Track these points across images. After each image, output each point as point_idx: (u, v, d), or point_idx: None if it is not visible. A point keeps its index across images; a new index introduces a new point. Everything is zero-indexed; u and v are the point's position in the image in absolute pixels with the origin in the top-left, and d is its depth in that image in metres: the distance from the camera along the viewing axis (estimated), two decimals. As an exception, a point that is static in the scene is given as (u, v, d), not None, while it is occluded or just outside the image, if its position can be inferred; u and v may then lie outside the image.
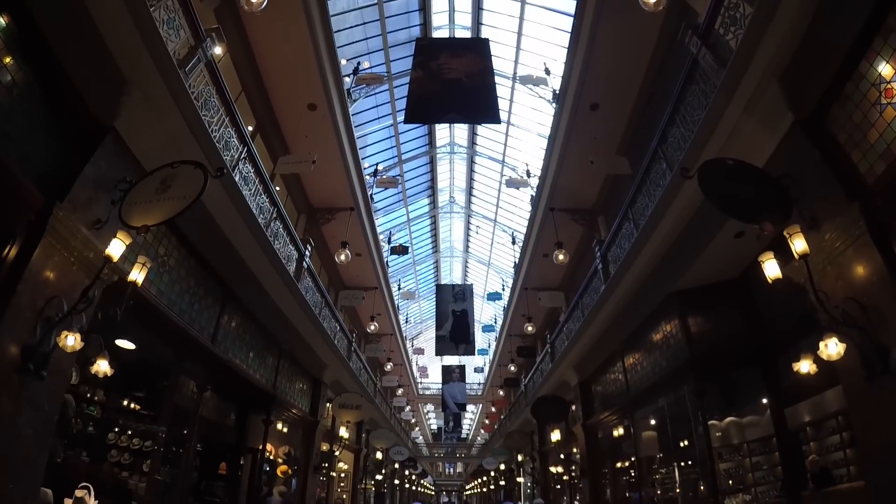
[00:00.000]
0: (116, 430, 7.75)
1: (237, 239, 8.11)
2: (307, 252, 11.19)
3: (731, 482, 10.59)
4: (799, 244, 4.96)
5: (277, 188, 9.57)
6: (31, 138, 4.78)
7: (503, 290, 26.49)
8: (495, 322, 29.55)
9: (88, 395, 7.41)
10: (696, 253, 7.84)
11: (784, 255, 5.31)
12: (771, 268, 5.32)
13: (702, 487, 9.68)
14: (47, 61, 4.86)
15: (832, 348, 4.72)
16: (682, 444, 10.64)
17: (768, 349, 7.94)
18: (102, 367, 5.50)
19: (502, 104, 15.25)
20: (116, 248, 5.01)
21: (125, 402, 8.15)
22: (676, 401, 9.41)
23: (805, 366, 6.02)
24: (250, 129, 9.42)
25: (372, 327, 19.51)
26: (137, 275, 5.25)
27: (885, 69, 4.58)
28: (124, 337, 6.90)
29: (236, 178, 7.38)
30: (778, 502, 8.78)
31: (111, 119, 5.38)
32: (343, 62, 12.03)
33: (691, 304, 8.82)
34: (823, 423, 10.76)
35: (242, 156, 7.77)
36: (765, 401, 8.79)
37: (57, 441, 6.22)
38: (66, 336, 4.61)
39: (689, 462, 10.65)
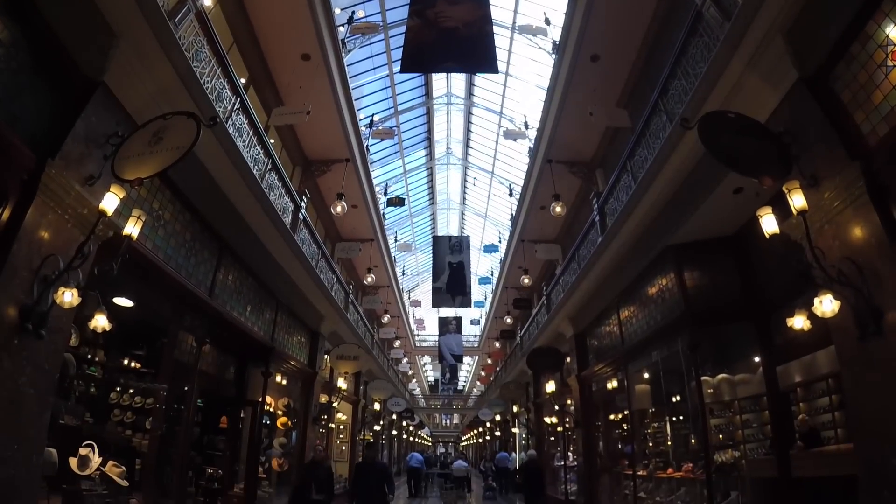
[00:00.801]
0: (118, 389, 7.85)
1: (232, 191, 8.05)
2: (303, 204, 11.12)
3: (721, 437, 10.83)
4: (797, 200, 4.92)
5: (272, 141, 9.46)
6: (20, 98, 4.67)
7: (499, 242, 26.53)
8: (491, 274, 29.67)
9: (89, 357, 7.47)
10: (694, 207, 7.81)
11: (782, 213, 5.29)
12: (768, 222, 5.30)
13: (693, 441, 9.88)
14: (33, 19, 4.71)
15: (827, 305, 4.74)
16: (674, 400, 10.84)
17: (762, 306, 7.99)
18: (101, 322, 5.52)
19: (501, 54, 15.01)
20: (110, 202, 4.95)
21: (125, 362, 8.24)
22: (670, 356, 9.53)
23: (799, 321, 6.07)
24: (243, 81, 9.21)
25: (369, 279, 19.56)
26: (132, 228, 5.21)
27: (893, 31, 4.48)
28: (122, 294, 6.90)
29: (230, 130, 7.27)
30: (766, 459, 8.97)
31: (100, 74, 5.25)
32: (337, 11, 11.72)
33: (687, 258, 8.83)
34: (813, 385, 10.97)
35: (235, 107, 7.64)
36: (757, 359, 8.90)
37: (60, 402, 6.30)
38: (64, 292, 4.59)
39: (681, 417, 10.87)
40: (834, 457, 8.44)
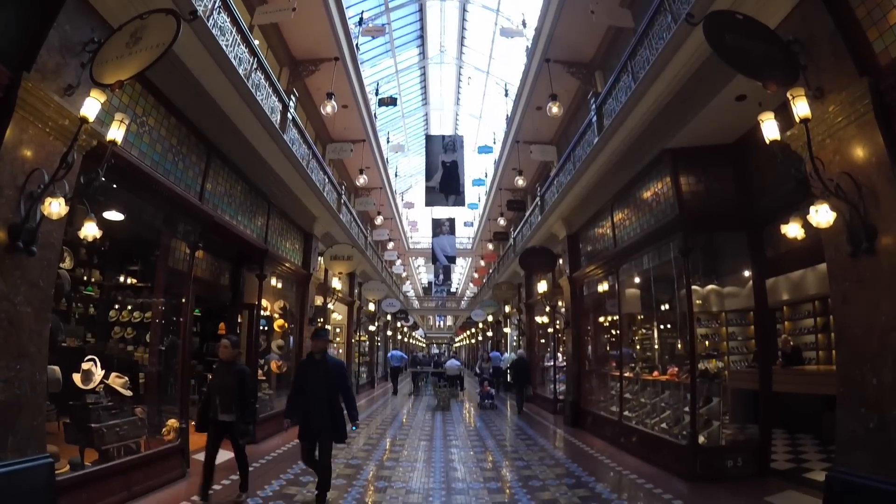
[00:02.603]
0: (116, 307, 7.92)
1: (217, 93, 7.80)
2: (291, 103, 10.82)
3: (707, 343, 11.14)
4: (801, 107, 4.80)
5: (257, 41, 9.04)
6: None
7: (494, 143, 26.18)
8: (486, 176, 29.47)
9: (85, 278, 7.48)
10: (694, 112, 7.66)
11: (783, 126, 5.20)
12: (770, 128, 5.19)
13: (679, 347, 10.14)
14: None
15: (823, 215, 4.73)
16: (662, 308, 11.06)
17: (756, 218, 8.02)
18: (90, 230, 5.43)
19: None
20: (91, 107, 4.80)
21: (121, 279, 8.29)
22: (661, 265, 9.60)
23: (793, 229, 6.06)
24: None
25: (361, 180, 19.38)
26: (116, 133, 5.09)
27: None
28: (111, 207, 6.79)
29: (212, 30, 6.92)
30: (748, 371, 9.25)
31: (70, -21, 4.93)
32: None
33: (684, 162, 8.74)
34: (800, 306, 11.24)
35: (217, 5, 7.24)
36: (747, 273, 9.02)
37: (60, 324, 6.35)
38: (50, 203, 4.53)
39: (669, 326, 11.13)
40: (813, 376, 8.80)
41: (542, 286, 16.48)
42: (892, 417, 4.29)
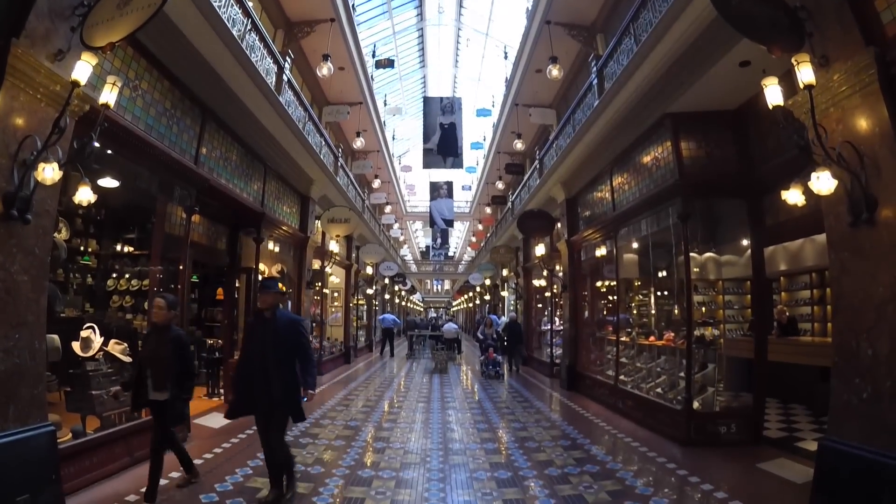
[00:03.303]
0: (114, 275, 7.90)
1: (211, 54, 7.70)
2: (286, 65, 10.65)
3: (703, 310, 11.21)
4: (806, 73, 4.71)
5: (251, 2, 8.87)
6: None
7: (492, 106, 25.91)
8: (484, 140, 29.22)
9: (82, 248, 7.46)
10: (697, 76, 7.55)
11: (787, 93, 5.13)
12: (773, 93, 5.11)
13: (676, 312, 10.19)
14: None
15: (824, 182, 4.68)
16: (660, 275, 11.11)
17: (756, 185, 7.98)
18: (85, 195, 5.36)
19: None
20: (82, 70, 4.70)
21: (118, 247, 8.26)
22: (659, 231, 9.59)
23: (794, 195, 6.02)
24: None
25: (358, 143, 19.20)
26: (109, 95, 5.01)
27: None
28: (106, 174, 6.70)
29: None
30: (744, 339, 9.31)
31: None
32: None
33: (685, 127, 8.66)
34: (797, 278, 11.29)
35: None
36: (745, 242, 9.01)
37: (56, 293, 6.33)
38: (44, 168, 4.48)
39: (666, 293, 11.18)
40: (808, 347, 8.86)
41: (539, 250, 16.50)
42: (885, 388, 4.32)
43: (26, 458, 4.43)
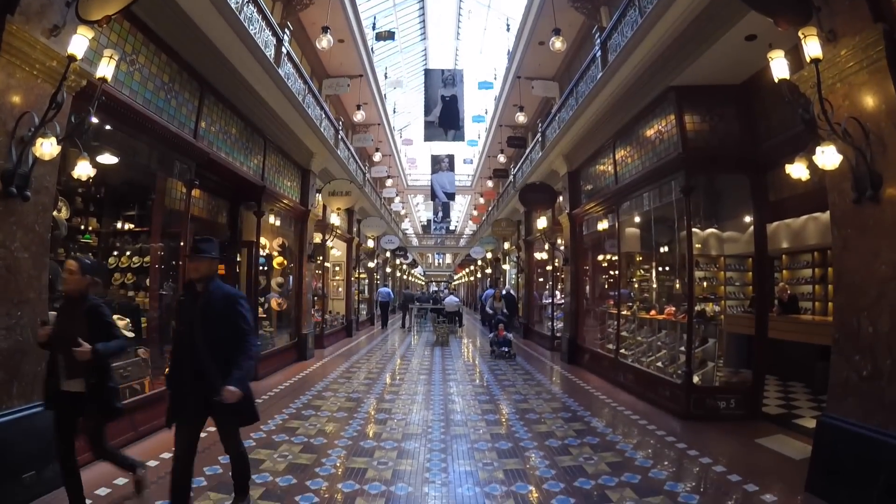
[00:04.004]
0: (115, 253, 7.88)
1: (208, 27, 7.62)
2: (285, 37, 10.53)
3: (705, 285, 11.23)
4: (812, 47, 4.66)
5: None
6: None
7: (494, 79, 25.66)
8: (486, 113, 28.99)
9: (82, 227, 7.42)
10: (703, 49, 7.42)
11: (794, 68, 5.12)
12: (779, 66, 5.07)
13: (677, 287, 10.20)
14: None
15: (829, 157, 4.66)
16: (662, 250, 11.09)
17: (760, 161, 7.91)
18: (83, 169, 5.33)
19: None
20: (79, 44, 4.66)
21: (119, 225, 8.20)
22: (662, 206, 9.56)
23: (798, 169, 5.97)
24: None
25: (358, 116, 19.05)
26: (106, 69, 4.97)
27: None
28: (104, 150, 6.64)
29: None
30: (745, 316, 9.32)
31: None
32: None
33: (689, 101, 8.54)
34: (799, 256, 11.28)
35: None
36: (747, 219, 8.97)
37: (58, 272, 6.31)
38: (41, 143, 4.47)
39: (667, 268, 11.17)
40: (809, 325, 8.89)
41: (541, 223, 16.49)
42: (885, 366, 4.34)
43: (31, 434, 4.48)
